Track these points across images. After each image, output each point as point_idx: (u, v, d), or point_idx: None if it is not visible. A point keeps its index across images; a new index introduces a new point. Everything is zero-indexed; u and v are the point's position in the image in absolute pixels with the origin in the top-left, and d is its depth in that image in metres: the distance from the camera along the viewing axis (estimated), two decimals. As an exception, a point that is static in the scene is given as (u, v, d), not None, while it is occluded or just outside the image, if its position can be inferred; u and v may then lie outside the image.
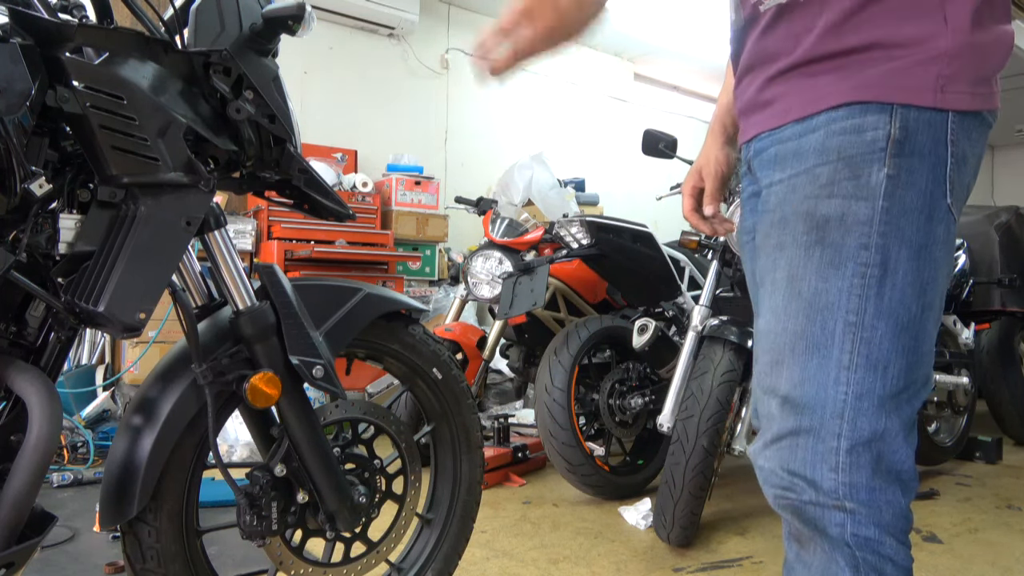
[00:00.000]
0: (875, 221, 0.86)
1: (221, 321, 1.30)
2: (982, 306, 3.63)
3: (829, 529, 0.87)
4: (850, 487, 0.85)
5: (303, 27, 1.26)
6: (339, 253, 4.00)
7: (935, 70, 0.86)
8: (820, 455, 0.86)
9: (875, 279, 0.86)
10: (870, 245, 0.86)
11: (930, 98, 0.86)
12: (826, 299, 0.87)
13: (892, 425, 0.86)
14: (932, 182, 0.87)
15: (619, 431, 2.85)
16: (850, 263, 0.86)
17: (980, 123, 0.91)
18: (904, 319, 0.86)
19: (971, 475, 3.28)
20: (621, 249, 2.81)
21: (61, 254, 1.13)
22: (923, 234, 0.87)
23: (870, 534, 0.86)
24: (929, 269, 0.87)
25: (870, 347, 0.85)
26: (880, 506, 0.86)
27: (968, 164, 0.90)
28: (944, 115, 0.87)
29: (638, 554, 2.20)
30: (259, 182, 1.36)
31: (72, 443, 3.14)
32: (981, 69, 0.88)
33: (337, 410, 1.42)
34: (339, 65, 4.88)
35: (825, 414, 0.86)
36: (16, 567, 1.08)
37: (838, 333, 0.86)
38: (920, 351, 0.87)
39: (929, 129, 0.87)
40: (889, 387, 0.85)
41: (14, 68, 1.03)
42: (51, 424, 1.06)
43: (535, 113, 5.88)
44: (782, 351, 0.90)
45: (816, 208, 0.89)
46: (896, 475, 0.86)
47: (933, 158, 0.87)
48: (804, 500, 0.88)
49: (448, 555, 1.62)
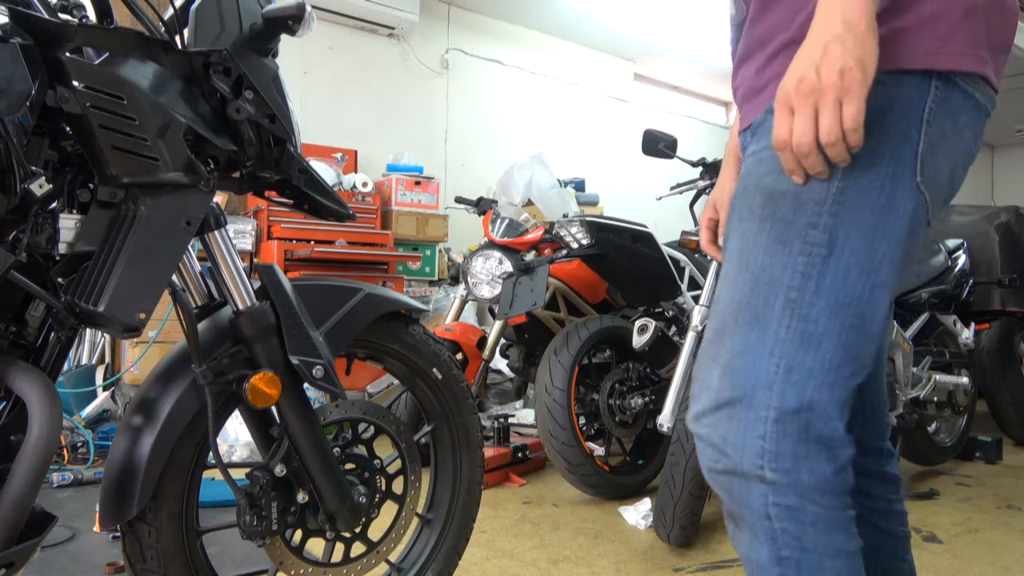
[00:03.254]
0: (827, 201, 0.86)
1: (221, 321, 1.30)
2: (982, 306, 3.63)
3: (752, 503, 0.87)
4: (775, 455, 0.86)
5: (303, 27, 1.26)
6: (339, 253, 4.00)
7: (921, 33, 0.85)
8: (750, 423, 0.87)
9: (820, 258, 0.86)
10: (819, 224, 0.86)
11: (921, 60, 0.85)
12: (771, 274, 0.88)
13: (821, 398, 0.86)
14: (897, 161, 0.86)
15: (619, 431, 2.85)
16: (797, 240, 0.87)
17: (970, 105, 0.88)
18: (846, 298, 0.86)
19: (971, 475, 3.28)
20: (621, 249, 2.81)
21: (61, 254, 1.13)
22: (880, 214, 0.86)
23: (790, 503, 0.86)
24: (885, 248, 0.87)
25: (806, 323, 0.86)
26: (801, 474, 0.86)
27: (949, 145, 0.88)
28: (925, 87, 0.86)
29: (638, 554, 2.20)
30: (259, 182, 1.36)
31: (72, 443, 3.14)
32: (977, 35, 0.87)
33: (337, 410, 1.42)
34: (339, 65, 4.88)
35: (757, 384, 0.87)
36: (16, 567, 1.08)
37: (778, 308, 0.87)
38: (866, 330, 0.88)
39: (902, 106, 0.86)
40: (821, 362, 0.86)
41: (14, 68, 1.03)
42: (51, 424, 1.06)
43: (535, 113, 5.88)
44: (726, 321, 0.91)
45: (775, 183, 0.89)
46: (825, 443, 0.86)
47: (899, 136, 0.86)
48: (732, 469, 0.88)
49: (448, 555, 1.62)
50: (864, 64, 0.78)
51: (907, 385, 2.78)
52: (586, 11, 5.50)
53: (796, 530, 0.86)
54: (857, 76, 0.78)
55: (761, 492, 0.87)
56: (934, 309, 3.18)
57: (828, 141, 0.80)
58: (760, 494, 0.87)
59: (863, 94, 0.78)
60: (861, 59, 0.78)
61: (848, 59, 0.78)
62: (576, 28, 5.82)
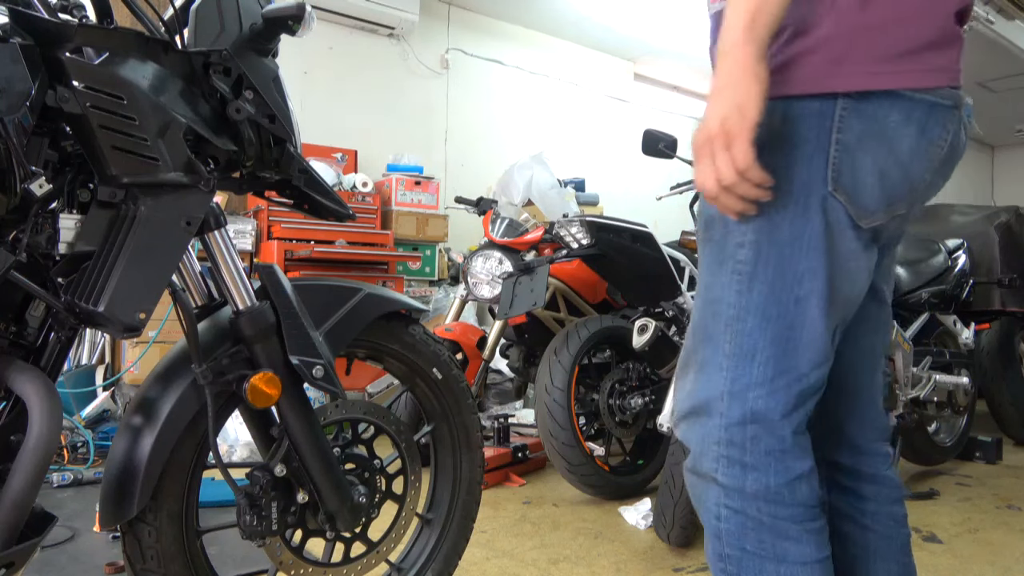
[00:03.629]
0: (748, 220, 0.91)
1: (221, 321, 1.30)
2: (982, 306, 3.63)
3: (708, 502, 0.96)
4: (728, 461, 0.93)
5: (303, 27, 1.26)
6: (339, 253, 3.99)
7: (821, 56, 0.88)
8: (709, 431, 0.95)
9: (747, 275, 0.92)
10: (744, 243, 0.92)
11: (812, 85, 0.88)
12: (716, 293, 0.96)
13: (762, 408, 0.92)
14: (810, 171, 0.89)
15: (619, 431, 2.85)
16: (729, 260, 0.94)
17: (903, 105, 0.89)
18: (773, 312, 0.92)
19: (971, 475, 3.28)
20: (621, 249, 2.81)
21: (61, 254, 1.13)
22: (797, 226, 0.90)
23: (736, 506, 0.93)
24: (806, 260, 0.91)
25: (742, 338, 0.93)
26: (747, 482, 0.93)
27: (874, 146, 0.89)
28: (831, 101, 0.88)
29: (638, 554, 2.20)
30: (259, 182, 1.36)
31: (72, 443, 3.14)
32: (880, 47, 0.88)
33: (337, 410, 1.42)
34: (339, 65, 4.88)
35: (712, 396, 0.95)
36: (16, 567, 1.08)
37: (722, 325, 0.95)
38: (797, 340, 0.92)
39: (809, 118, 0.89)
40: (757, 374, 0.93)
41: (14, 68, 1.02)
42: (51, 424, 1.06)
43: (535, 113, 5.88)
44: (695, 336, 0.99)
45: (708, 208, 0.96)
46: (774, 454, 0.93)
47: (811, 147, 0.89)
48: (695, 469, 0.97)
49: (448, 555, 1.62)
50: (742, 108, 0.84)
51: (907, 385, 2.78)
52: (586, 11, 5.50)
53: (738, 532, 0.93)
54: (736, 120, 0.84)
55: (715, 493, 0.95)
56: (934, 309, 3.18)
57: (726, 184, 0.86)
58: (714, 495, 0.95)
59: (745, 135, 0.84)
60: (740, 104, 0.84)
61: (727, 107, 0.85)
62: (576, 28, 5.82)
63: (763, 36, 0.85)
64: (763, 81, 0.85)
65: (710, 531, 0.97)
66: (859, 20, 0.88)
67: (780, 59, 0.90)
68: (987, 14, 5.42)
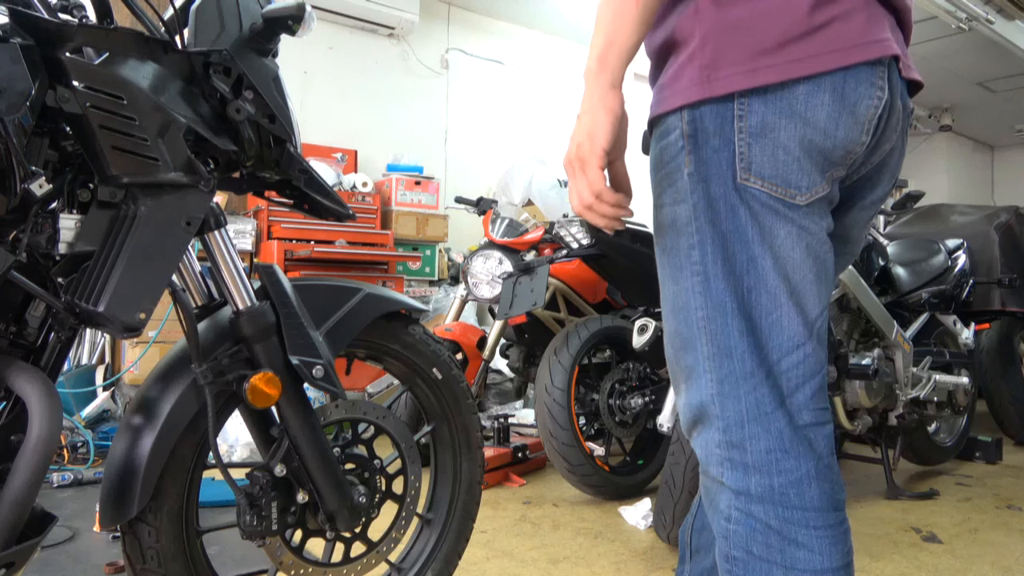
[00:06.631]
0: (692, 220, 0.93)
1: (221, 321, 1.30)
2: (982, 306, 3.63)
3: (720, 503, 0.95)
4: (731, 464, 0.93)
5: (303, 27, 1.26)
6: (339, 253, 4.00)
7: (697, 63, 0.90)
8: (711, 435, 0.95)
9: (703, 275, 0.93)
10: (695, 244, 0.93)
11: (697, 92, 0.89)
12: (683, 299, 0.96)
13: (752, 402, 0.91)
14: (724, 166, 0.90)
15: (619, 431, 2.85)
16: (686, 264, 0.94)
17: (816, 81, 0.86)
18: (731, 306, 0.92)
19: (971, 475, 3.28)
20: (621, 249, 2.81)
21: (61, 254, 1.13)
22: (730, 220, 0.91)
23: (745, 509, 0.92)
24: (743, 253, 0.91)
25: (716, 337, 0.93)
26: (751, 485, 0.91)
27: (783, 122, 0.87)
28: (727, 100, 0.89)
29: (638, 554, 2.20)
30: (259, 182, 1.36)
31: (72, 443, 3.14)
32: (752, 44, 0.87)
33: (337, 410, 1.42)
34: (339, 65, 4.88)
35: (704, 402, 0.95)
36: (16, 567, 1.08)
37: (695, 329, 0.94)
38: (759, 330, 0.92)
39: (712, 116, 0.90)
40: (739, 370, 0.92)
41: (14, 68, 1.03)
42: (51, 424, 1.06)
43: (535, 113, 5.88)
44: (673, 345, 0.99)
45: (659, 217, 0.98)
46: (773, 445, 0.91)
47: (718, 142, 0.90)
48: (707, 472, 0.96)
49: (448, 555, 1.62)
50: (593, 136, 0.89)
51: (907, 385, 2.77)
52: (586, 11, 5.50)
53: (746, 534, 0.92)
54: (588, 148, 0.89)
55: (727, 496, 0.94)
56: (934, 309, 3.18)
57: (585, 205, 0.91)
58: (726, 497, 0.94)
59: (595, 161, 0.89)
60: (591, 132, 0.89)
61: (582, 134, 0.90)
62: (576, 28, 5.82)
63: (616, 65, 0.89)
64: (613, 110, 0.89)
65: (719, 532, 0.95)
66: (721, 21, 0.88)
67: (672, 72, 0.93)
68: (987, 14, 5.42)
